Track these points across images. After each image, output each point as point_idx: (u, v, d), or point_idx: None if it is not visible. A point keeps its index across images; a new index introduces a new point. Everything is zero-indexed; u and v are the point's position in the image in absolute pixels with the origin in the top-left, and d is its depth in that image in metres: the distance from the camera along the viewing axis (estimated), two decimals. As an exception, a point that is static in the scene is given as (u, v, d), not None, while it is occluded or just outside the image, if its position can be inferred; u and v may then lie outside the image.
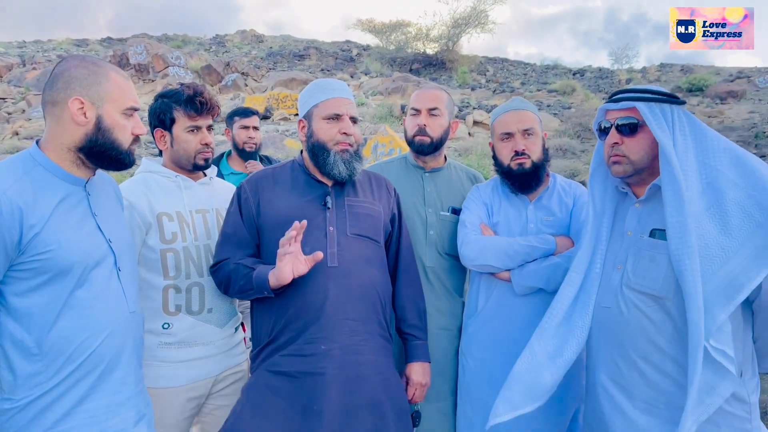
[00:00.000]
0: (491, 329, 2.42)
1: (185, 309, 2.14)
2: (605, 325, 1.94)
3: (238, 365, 2.32)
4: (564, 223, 2.42)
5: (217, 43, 27.67)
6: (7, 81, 19.62)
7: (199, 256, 2.19)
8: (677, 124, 1.82)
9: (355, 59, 25.28)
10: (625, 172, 1.91)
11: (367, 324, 2.10)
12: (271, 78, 19.11)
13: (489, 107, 15.87)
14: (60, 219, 1.58)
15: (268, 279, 1.96)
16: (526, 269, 2.32)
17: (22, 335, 1.53)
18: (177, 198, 2.21)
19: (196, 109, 2.21)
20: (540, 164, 2.44)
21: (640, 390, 1.83)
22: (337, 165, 2.15)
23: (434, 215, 2.65)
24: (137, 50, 19.33)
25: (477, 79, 22.26)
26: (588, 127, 14.73)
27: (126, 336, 1.73)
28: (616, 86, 20.04)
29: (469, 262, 2.42)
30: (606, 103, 1.99)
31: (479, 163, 10.66)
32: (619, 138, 1.90)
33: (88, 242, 1.64)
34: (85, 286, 1.61)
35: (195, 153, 2.24)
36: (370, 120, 13.65)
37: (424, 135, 2.65)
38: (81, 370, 1.60)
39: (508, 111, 2.48)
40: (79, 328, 1.59)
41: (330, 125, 2.17)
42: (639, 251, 1.89)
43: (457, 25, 24.63)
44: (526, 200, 2.49)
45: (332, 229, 2.11)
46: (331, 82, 2.28)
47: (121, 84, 1.69)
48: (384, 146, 10.01)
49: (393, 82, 18.43)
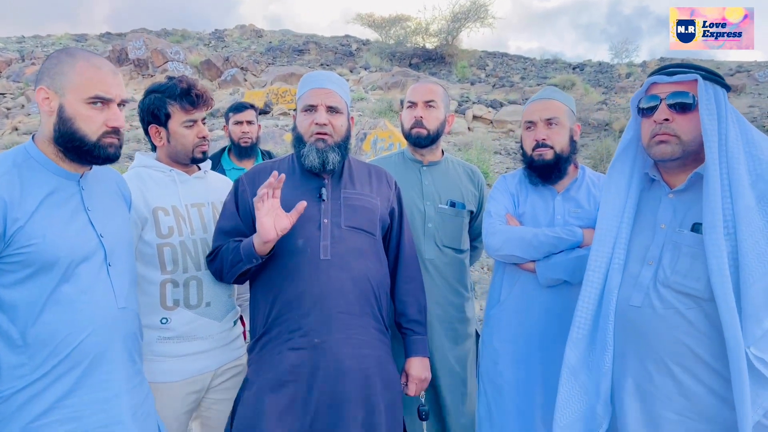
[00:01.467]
0: (513, 320, 2.41)
1: (183, 303, 2.14)
2: (633, 325, 1.78)
3: (238, 359, 2.32)
4: (592, 215, 2.35)
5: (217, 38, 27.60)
6: (6, 76, 19.58)
7: (196, 249, 2.18)
8: (729, 110, 1.65)
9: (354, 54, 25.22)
10: (673, 153, 1.73)
11: (361, 317, 2.10)
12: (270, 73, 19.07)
13: (488, 102, 15.84)
14: (46, 213, 1.57)
15: (253, 244, 1.95)
16: (552, 260, 2.29)
17: (8, 326, 1.53)
18: (172, 192, 2.20)
19: (192, 102, 2.18)
20: (564, 156, 2.37)
21: (671, 399, 1.68)
22: (309, 155, 2.14)
23: (432, 208, 2.67)
24: (136, 45, 19.29)
25: (477, 73, 22.22)
26: (587, 121, 14.71)
27: (114, 332, 1.70)
28: (615, 80, 20.00)
29: (493, 251, 2.40)
30: (656, 76, 1.78)
31: (479, 157, 10.63)
32: (670, 114, 1.72)
33: (77, 237, 1.62)
34: (72, 280, 1.60)
35: (193, 147, 2.23)
36: (369, 115, 13.63)
37: (421, 127, 2.68)
38: (65, 364, 1.59)
39: (535, 100, 2.43)
40: (64, 323, 1.58)
41: (305, 116, 2.18)
42: (678, 247, 1.71)
43: (456, 20, 24.57)
44: (554, 191, 2.43)
45: (326, 221, 2.11)
46: (314, 74, 2.26)
47: (87, 72, 1.62)
48: (384, 141, 10.01)
49: (392, 76, 18.39)
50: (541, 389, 2.33)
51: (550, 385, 2.30)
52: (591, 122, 14.80)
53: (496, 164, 11.43)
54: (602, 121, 14.90)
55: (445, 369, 2.62)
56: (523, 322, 2.38)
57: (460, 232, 2.73)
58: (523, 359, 2.37)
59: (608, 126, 14.59)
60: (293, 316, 2.03)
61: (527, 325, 2.37)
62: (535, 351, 2.35)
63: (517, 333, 2.39)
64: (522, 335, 2.38)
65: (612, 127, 14.41)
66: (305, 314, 2.03)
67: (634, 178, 1.88)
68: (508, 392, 2.38)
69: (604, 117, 15.07)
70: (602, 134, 13.99)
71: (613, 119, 14.70)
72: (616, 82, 19.50)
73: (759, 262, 1.53)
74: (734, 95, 16.15)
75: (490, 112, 15.01)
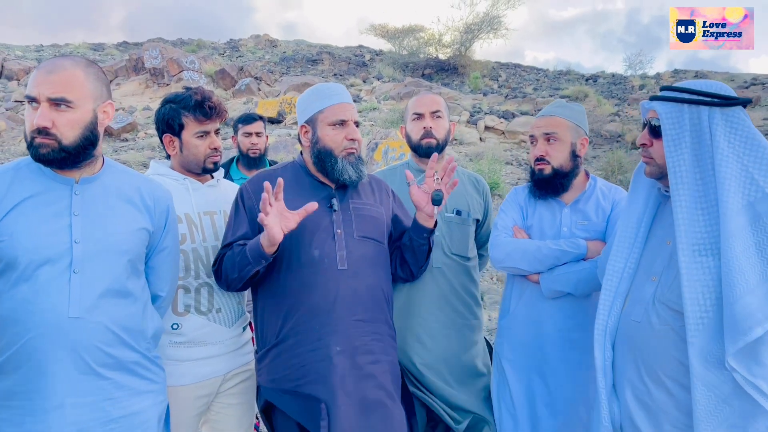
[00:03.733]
0: (522, 330, 2.44)
1: (194, 309, 2.17)
2: (632, 339, 1.81)
3: (247, 364, 2.35)
4: (599, 228, 2.38)
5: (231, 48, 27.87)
6: (24, 84, 19.90)
7: (207, 256, 2.22)
8: (720, 127, 1.64)
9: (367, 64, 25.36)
10: (651, 173, 1.83)
11: (376, 324, 2.16)
12: (284, 82, 19.20)
13: (501, 113, 15.85)
14: (22, 213, 1.62)
15: (261, 243, 1.96)
16: (556, 273, 2.31)
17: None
18: (185, 200, 2.23)
19: (205, 114, 2.22)
20: (563, 171, 2.39)
21: (668, 413, 1.71)
22: (346, 170, 2.18)
23: (439, 217, 2.69)
24: (152, 54, 19.51)
25: (489, 84, 22.23)
26: (600, 133, 14.67)
27: (60, 341, 1.60)
28: (629, 92, 19.94)
29: (498, 264, 2.44)
30: (646, 100, 1.87)
31: (490, 168, 10.63)
32: (648, 139, 1.81)
33: (44, 239, 1.62)
34: (31, 281, 1.60)
35: (205, 158, 2.26)
36: (381, 125, 13.68)
37: (431, 137, 2.72)
38: (10, 362, 1.60)
39: (540, 115, 2.48)
40: (13, 321, 1.60)
41: (336, 131, 2.20)
42: (677, 265, 1.72)
43: (469, 31, 24.63)
44: (561, 204, 2.46)
45: (339, 231, 2.15)
46: (333, 86, 2.29)
47: (34, 75, 1.62)
48: (395, 150, 10.04)
49: (405, 87, 18.46)
50: (549, 398, 2.35)
51: (559, 393, 2.33)
52: (603, 134, 14.76)
53: (508, 175, 11.43)
54: (615, 132, 14.85)
55: (452, 375, 2.64)
56: (530, 333, 2.41)
57: (467, 240, 2.76)
58: (531, 369, 2.40)
59: (621, 137, 14.54)
60: (313, 325, 2.06)
61: (534, 336, 2.39)
62: (542, 361, 2.37)
63: (526, 343, 2.42)
64: (530, 345, 2.41)
65: (624, 139, 14.36)
66: (323, 323, 2.06)
67: (653, 191, 1.91)
68: (518, 401, 2.41)
69: (617, 129, 15.01)
70: (614, 146, 13.94)
71: (625, 131, 14.65)
72: (629, 93, 19.43)
73: (730, 289, 1.54)
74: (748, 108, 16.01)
75: (502, 123, 15.00)
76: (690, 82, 1.75)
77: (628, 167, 11.83)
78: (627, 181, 11.76)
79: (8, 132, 15.27)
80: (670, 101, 1.73)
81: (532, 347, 2.40)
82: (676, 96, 1.72)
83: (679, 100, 1.71)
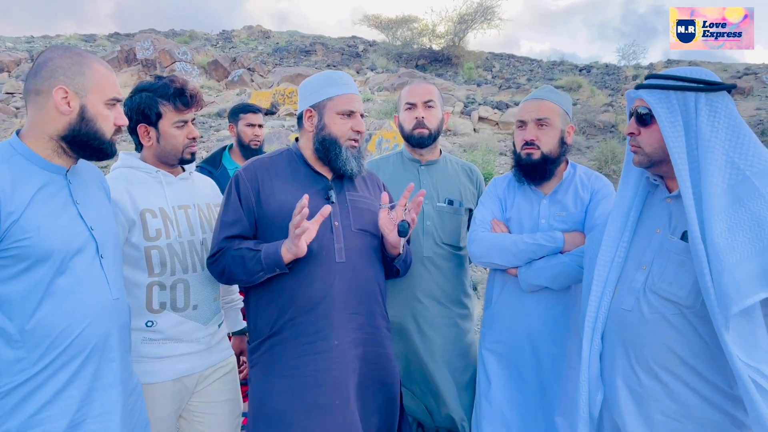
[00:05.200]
0: (504, 322, 2.46)
1: (170, 306, 2.12)
2: (622, 328, 1.81)
3: (224, 360, 2.31)
4: (578, 218, 2.36)
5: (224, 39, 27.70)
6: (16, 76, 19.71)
7: (183, 252, 2.16)
8: (703, 112, 1.65)
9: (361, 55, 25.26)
10: (640, 163, 1.82)
11: (373, 317, 2.16)
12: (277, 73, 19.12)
13: (495, 103, 15.84)
14: (39, 206, 1.58)
15: (281, 255, 1.95)
16: (533, 267, 2.31)
17: (4, 322, 1.54)
18: (159, 194, 2.17)
19: (185, 102, 2.16)
20: (551, 158, 2.37)
21: (660, 401, 1.71)
22: (349, 161, 2.18)
23: (431, 206, 2.71)
24: (144, 45, 19.38)
25: (483, 75, 22.21)
26: (593, 123, 14.69)
27: (111, 323, 1.72)
28: (622, 83, 19.96)
29: (475, 259, 2.44)
30: (629, 90, 1.87)
31: (484, 159, 10.64)
32: (636, 128, 1.80)
33: (68, 229, 1.64)
34: (67, 273, 1.62)
35: (183, 147, 2.20)
36: (375, 115, 13.66)
37: (423, 127, 2.72)
38: (64, 356, 1.60)
39: (528, 99, 2.45)
40: (61, 315, 1.60)
41: (344, 121, 2.18)
42: (668, 253, 1.74)
43: (463, 21, 24.57)
44: (540, 194, 2.44)
45: (337, 224, 2.14)
46: (343, 75, 2.28)
47: (105, 74, 1.70)
48: (389, 141, 10.03)
49: (399, 77, 18.41)
50: (527, 388, 2.37)
51: (538, 383, 2.35)
52: (597, 124, 14.77)
53: (502, 165, 11.44)
54: (608, 122, 14.87)
55: (443, 363, 2.66)
56: (510, 324, 2.42)
57: (459, 230, 2.77)
58: (511, 360, 2.42)
59: (614, 128, 14.56)
60: (310, 318, 2.05)
61: (515, 327, 2.41)
62: (522, 352, 2.39)
63: (506, 334, 2.44)
64: (510, 337, 2.42)
65: (618, 129, 14.38)
66: (322, 316, 2.05)
67: (642, 180, 1.91)
68: (496, 389, 2.42)
69: (610, 119, 15.04)
70: (608, 136, 13.96)
71: (619, 121, 14.67)
72: (622, 84, 19.46)
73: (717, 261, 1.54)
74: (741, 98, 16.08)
75: (496, 114, 15.00)
76: (675, 69, 1.76)
77: (621, 157, 11.85)
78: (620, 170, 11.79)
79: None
80: (658, 89, 1.73)
81: (513, 339, 2.41)
82: (662, 83, 1.73)
83: (666, 87, 1.71)
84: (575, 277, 2.24)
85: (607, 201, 2.33)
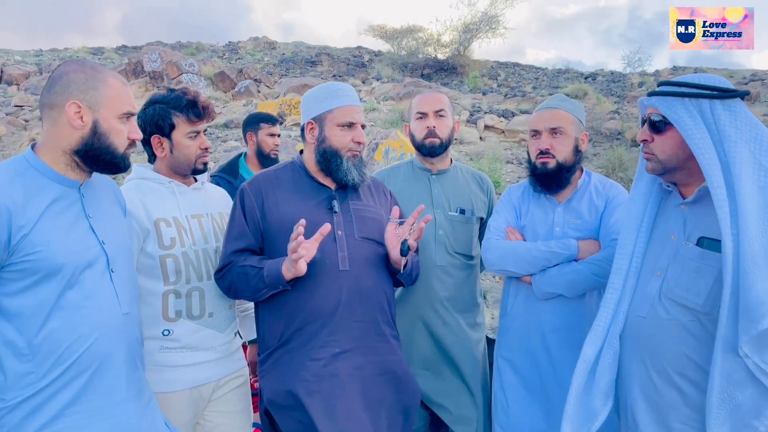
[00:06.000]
0: (519, 331, 2.45)
1: (186, 314, 2.13)
2: (639, 335, 1.80)
3: (239, 370, 2.32)
4: (592, 226, 2.35)
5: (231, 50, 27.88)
6: (25, 89, 19.90)
7: (198, 260, 2.18)
8: (723, 116, 1.64)
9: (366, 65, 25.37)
10: (653, 170, 1.82)
11: (378, 325, 2.15)
12: (283, 84, 19.20)
13: (500, 111, 15.85)
14: (50, 220, 1.58)
15: (282, 274, 1.98)
16: (547, 275, 2.30)
17: (13, 335, 1.53)
18: (172, 203, 2.20)
19: (198, 114, 2.20)
20: (566, 166, 2.37)
21: (677, 409, 1.69)
22: (351, 171, 2.19)
23: (443, 215, 2.70)
24: (152, 58, 19.53)
25: (488, 83, 22.23)
26: (599, 130, 14.66)
27: (119, 337, 1.71)
28: (628, 90, 19.93)
29: (490, 266, 2.43)
30: (643, 97, 1.85)
31: (490, 167, 10.64)
32: (649, 135, 1.79)
33: (79, 243, 1.64)
34: (76, 287, 1.61)
35: (196, 158, 2.24)
36: (381, 125, 13.69)
37: (434, 137, 2.72)
38: (72, 370, 1.59)
39: (542, 109, 2.45)
40: (70, 329, 1.59)
41: (344, 133, 2.20)
42: (683, 260, 1.73)
43: (468, 31, 24.63)
44: (554, 202, 2.44)
45: (340, 233, 2.15)
46: (344, 87, 2.29)
47: (118, 89, 1.70)
48: (395, 150, 10.05)
49: (404, 87, 18.45)
50: (544, 397, 2.35)
51: (554, 392, 2.33)
52: (603, 131, 14.75)
53: (508, 173, 11.43)
54: (614, 130, 14.84)
55: (453, 373, 2.65)
56: (526, 332, 2.41)
57: (471, 239, 2.76)
58: (527, 368, 2.40)
59: (621, 135, 14.53)
60: (315, 327, 2.06)
61: (530, 336, 2.40)
62: (536, 360, 2.37)
63: (522, 342, 2.42)
64: (526, 345, 2.41)
65: (624, 136, 14.35)
66: (325, 325, 2.05)
67: (654, 187, 1.90)
68: (513, 401, 2.41)
69: (617, 126, 15.01)
70: (614, 143, 13.94)
71: (625, 128, 14.64)
72: (628, 91, 19.43)
73: (745, 275, 1.51)
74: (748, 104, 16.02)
75: (501, 122, 15.00)
76: (687, 76, 1.75)
77: (628, 164, 11.83)
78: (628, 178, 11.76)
79: (8, 137, 15.29)
80: (671, 96, 1.72)
81: (528, 347, 2.39)
82: (675, 90, 1.72)
83: (680, 94, 1.70)
84: (590, 284, 2.23)
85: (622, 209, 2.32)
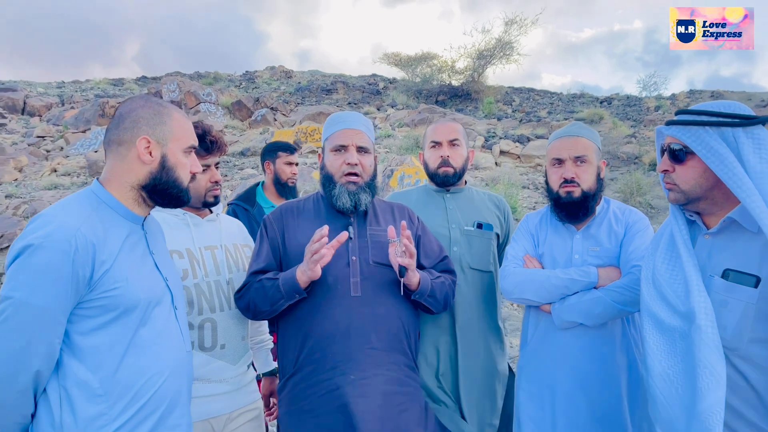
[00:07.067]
0: (538, 362, 2.38)
1: (198, 345, 2.12)
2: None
3: (252, 403, 2.28)
4: (613, 253, 2.29)
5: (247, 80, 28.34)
6: (47, 120, 20.34)
7: (210, 292, 2.18)
8: (747, 145, 1.59)
9: (381, 92, 25.60)
10: (676, 200, 1.77)
11: (391, 353, 2.10)
12: (299, 112, 19.43)
13: (515, 137, 15.86)
14: (126, 256, 1.59)
15: (297, 279, 1.99)
16: (566, 303, 2.24)
17: (86, 375, 1.49)
18: (186, 235, 2.21)
19: (206, 148, 2.23)
20: (591, 194, 2.32)
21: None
22: (341, 196, 2.19)
23: (458, 231, 2.66)
24: (170, 88, 19.92)
25: (503, 109, 22.30)
26: (616, 155, 14.59)
27: (185, 375, 1.72)
28: (644, 114, 19.85)
29: (507, 295, 2.37)
30: (661, 126, 1.82)
31: (507, 192, 10.60)
32: (670, 165, 1.75)
33: (149, 280, 1.65)
34: (148, 324, 1.61)
35: (205, 191, 2.26)
36: (396, 151, 13.76)
37: (448, 166, 2.71)
38: (145, 410, 1.57)
39: (562, 137, 2.40)
40: (143, 368, 1.57)
41: (336, 156, 2.23)
42: (708, 293, 1.66)
43: (482, 57, 24.82)
44: (573, 230, 2.39)
45: (354, 258, 2.13)
46: (343, 114, 2.31)
47: (183, 123, 1.74)
48: (410, 177, 10.06)
49: (419, 113, 18.58)
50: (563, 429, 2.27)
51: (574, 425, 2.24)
52: (620, 156, 14.67)
53: (525, 199, 11.37)
54: (631, 154, 14.76)
55: (471, 398, 2.55)
56: (546, 364, 2.34)
57: (488, 253, 2.69)
58: (546, 401, 2.32)
59: (638, 159, 14.44)
60: (326, 353, 2.03)
61: (550, 367, 2.33)
62: (558, 394, 2.29)
63: (541, 374, 2.35)
64: (545, 377, 2.33)
65: (641, 161, 14.26)
66: (337, 351, 2.03)
67: (680, 216, 1.84)
68: None
69: (634, 150, 14.93)
70: (631, 167, 13.84)
71: (642, 152, 14.56)
72: (644, 115, 19.36)
73: None
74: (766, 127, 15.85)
75: (517, 147, 15.00)
76: (707, 104, 1.71)
77: (646, 189, 11.72)
78: (647, 203, 11.63)
79: (30, 167, 15.57)
80: (692, 125, 1.68)
81: (548, 379, 2.32)
82: (695, 119, 1.67)
83: (701, 123, 1.66)
84: (610, 312, 2.15)
85: (642, 235, 2.26)
